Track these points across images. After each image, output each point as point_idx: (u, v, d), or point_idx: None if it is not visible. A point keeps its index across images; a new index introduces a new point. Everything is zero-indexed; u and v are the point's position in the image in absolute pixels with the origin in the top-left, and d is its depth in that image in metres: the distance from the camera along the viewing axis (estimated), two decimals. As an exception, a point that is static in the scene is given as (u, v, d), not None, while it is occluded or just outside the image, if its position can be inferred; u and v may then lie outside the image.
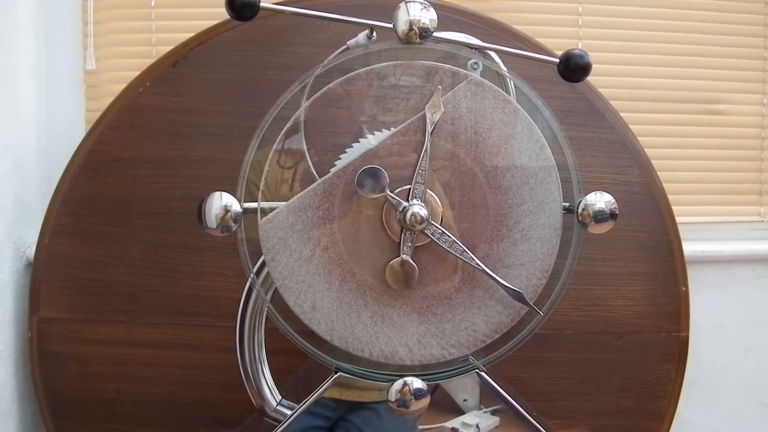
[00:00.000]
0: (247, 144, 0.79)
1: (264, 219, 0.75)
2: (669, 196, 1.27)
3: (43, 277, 1.23)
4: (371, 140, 0.78)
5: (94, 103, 1.39)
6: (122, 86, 1.26)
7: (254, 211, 0.76)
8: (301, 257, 0.76)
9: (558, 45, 1.33)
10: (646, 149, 1.28)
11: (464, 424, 1.12)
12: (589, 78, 0.82)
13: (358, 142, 0.79)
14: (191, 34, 1.26)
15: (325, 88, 0.78)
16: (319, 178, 0.78)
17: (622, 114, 1.28)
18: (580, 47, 1.41)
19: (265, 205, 0.76)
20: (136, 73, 1.26)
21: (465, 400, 1.19)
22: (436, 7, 0.78)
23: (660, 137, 1.45)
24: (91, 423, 1.25)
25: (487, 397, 1.19)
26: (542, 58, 0.81)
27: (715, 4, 1.47)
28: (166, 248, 1.23)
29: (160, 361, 1.24)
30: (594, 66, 0.82)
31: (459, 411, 1.18)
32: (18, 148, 1.25)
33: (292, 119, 0.78)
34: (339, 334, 0.77)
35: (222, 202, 0.74)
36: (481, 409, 1.18)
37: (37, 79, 1.31)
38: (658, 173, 1.27)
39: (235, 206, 0.74)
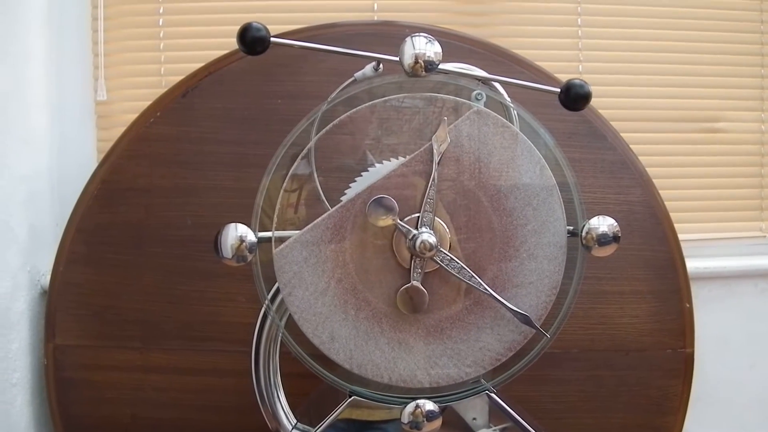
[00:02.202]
0: (256, 172, 0.82)
1: (278, 253, 0.78)
2: (671, 214, 1.29)
3: (58, 304, 1.25)
4: (379, 170, 0.80)
5: (106, 133, 1.42)
6: (133, 116, 1.29)
7: (268, 239, 0.78)
8: (317, 290, 0.78)
9: (558, 68, 1.35)
10: (647, 168, 1.29)
11: (474, 443, 1.13)
12: (590, 100, 0.84)
13: (367, 170, 0.82)
14: (200, 65, 1.28)
15: (333, 123, 0.80)
16: (326, 199, 0.81)
17: (622, 134, 1.30)
18: (580, 70, 1.45)
19: (279, 234, 0.78)
20: (147, 104, 1.28)
21: (474, 419, 1.20)
22: (437, 34, 0.81)
23: (661, 156, 1.47)
24: (107, 448, 1.26)
25: (496, 416, 1.20)
26: (544, 89, 0.84)
27: (712, 24, 1.49)
28: (178, 275, 1.25)
29: (174, 386, 1.25)
30: (594, 88, 0.84)
31: (468, 429, 1.19)
32: (32, 178, 1.27)
33: (302, 154, 0.80)
34: (358, 362, 0.79)
35: (237, 233, 0.76)
36: (491, 427, 1.19)
37: (50, 111, 1.34)
38: (660, 192, 1.29)
39: (250, 236, 0.77)
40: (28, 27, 1.28)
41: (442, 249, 0.77)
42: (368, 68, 0.94)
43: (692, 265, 1.33)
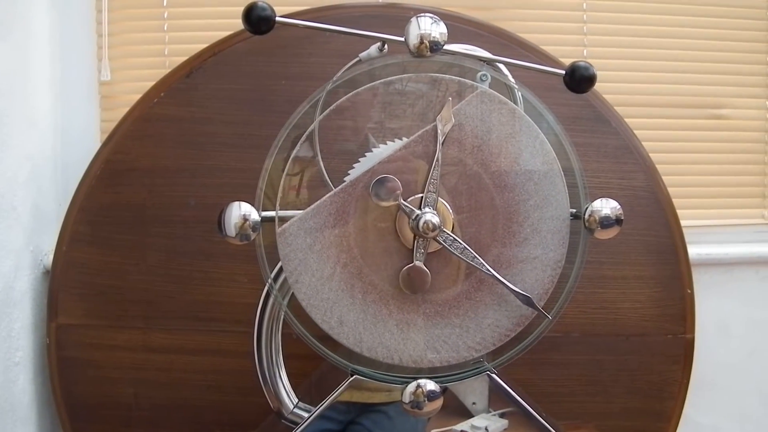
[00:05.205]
0: (259, 153, 0.82)
1: (281, 238, 0.77)
2: (674, 200, 1.29)
3: (61, 284, 1.26)
4: (380, 152, 0.80)
5: (109, 113, 1.42)
6: (136, 97, 1.29)
7: (272, 219, 0.78)
8: (323, 276, 0.78)
9: (563, 52, 1.35)
10: (650, 154, 1.29)
11: (473, 427, 1.14)
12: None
13: (371, 150, 0.81)
14: (203, 45, 1.28)
15: (331, 108, 0.80)
16: (330, 182, 0.81)
17: (626, 119, 1.30)
18: (585, 54, 1.45)
19: (283, 213, 0.78)
20: (150, 84, 1.29)
21: (474, 403, 1.21)
22: (443, 17, 0.81)
23: (664, 142, 1.47)
24: (110, 427, 1.27)
25: (496, 400, 1.20)
26: (549, 70, 0.84)
27: (718, 10, 1.49)
28: (181, 255, 1.25)
29: (176, 366, 1.26)
30: (599, 72, 0.84)
31: (468, 414, 1.20)
32: (35, 158, 1.27)
33: (305, 134, 0.80)
34: (368, 345, 0.79)
35: (241, 212, 0.76)
36: (490, 411, 1.19)
37: (54, 91, 1.34)
38: (663, 177, 1.29)
39: (254, 215, 0.77)
40: (32, 6, 1.27)
41: (444, 229, 0.77)
42: (373, 49, 0.94)
43: (694, 251, 1.34)
